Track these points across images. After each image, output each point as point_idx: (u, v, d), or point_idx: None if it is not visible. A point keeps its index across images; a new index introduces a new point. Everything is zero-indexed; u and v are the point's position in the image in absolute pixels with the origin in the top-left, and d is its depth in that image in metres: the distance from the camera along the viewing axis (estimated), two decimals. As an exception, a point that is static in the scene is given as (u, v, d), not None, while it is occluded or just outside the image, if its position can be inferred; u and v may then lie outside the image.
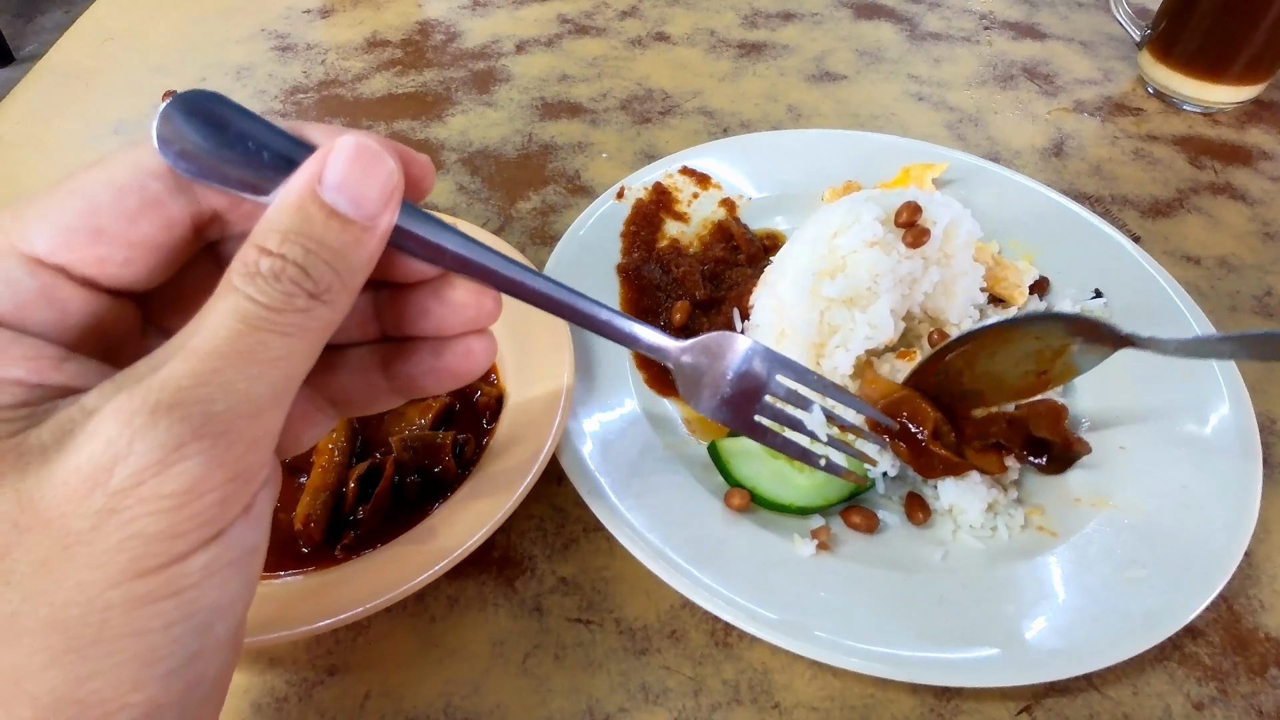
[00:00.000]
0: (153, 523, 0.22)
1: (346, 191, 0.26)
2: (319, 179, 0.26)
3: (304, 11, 1.05)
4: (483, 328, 0.33)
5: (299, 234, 0.26)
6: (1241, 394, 0.54)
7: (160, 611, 0.23)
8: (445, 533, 0.46)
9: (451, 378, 0.33)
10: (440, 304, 0.32)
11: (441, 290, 0.32)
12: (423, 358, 0.33)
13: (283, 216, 0.26)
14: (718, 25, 1.03)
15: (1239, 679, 0.45)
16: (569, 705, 0.44)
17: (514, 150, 0.82)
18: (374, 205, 0.27)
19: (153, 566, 0.23)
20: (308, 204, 0.26)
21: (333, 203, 0.26)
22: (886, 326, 0.54)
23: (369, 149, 0.27)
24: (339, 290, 0.27)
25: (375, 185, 0.27)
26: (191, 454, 0.23)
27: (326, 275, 0.26)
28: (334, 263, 0.26)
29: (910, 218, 0.54)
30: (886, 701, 0.44)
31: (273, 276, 0.25)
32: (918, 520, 0.51)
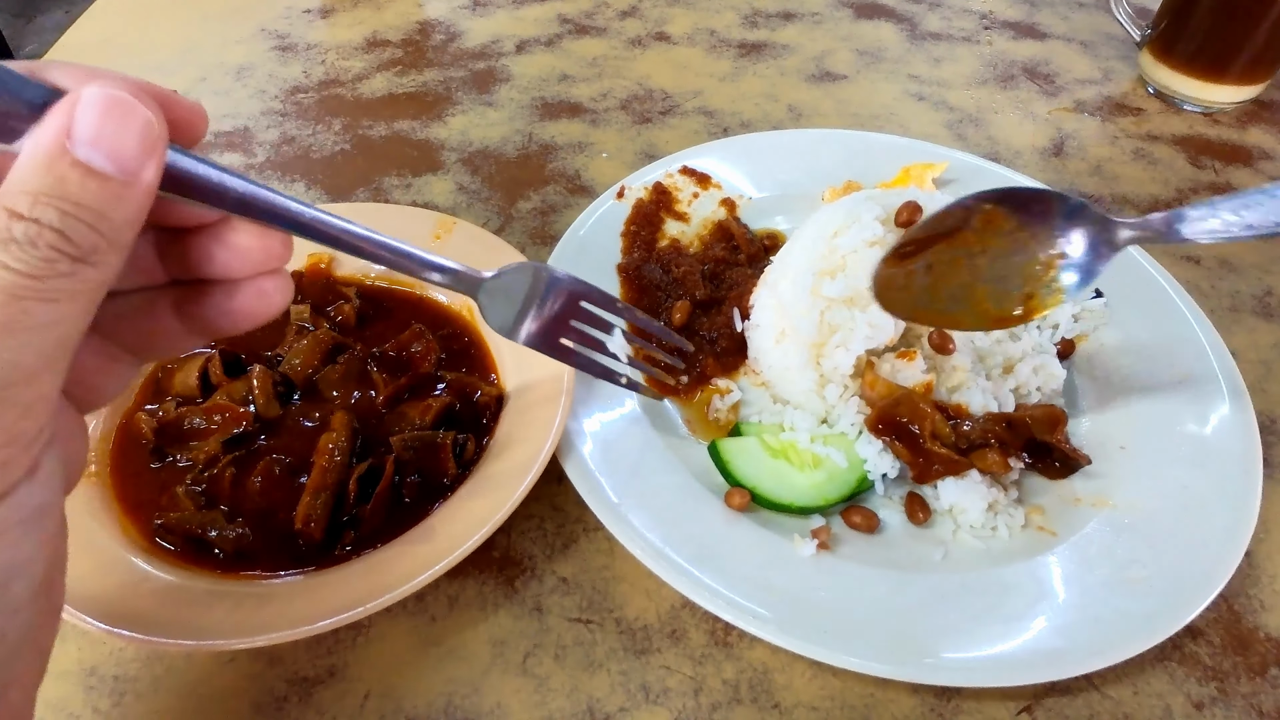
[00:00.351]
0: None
1: (101, 146, 0.25)
2: (68, 134, 0.24)
3: (304, 11, 1.05)
4: (274, 269, 0.32)
5: (52, 195, 0.24)
6: (1241, 394, 0.54)
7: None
8: (445, 533, 0.46)
9: (248, 318, 0.32)
10: (224, 248, 0.31)
11: (223, 234, 0.31)
12: (215, 300, 0.32)
13: (32, 176, 0.24)
14: (718, 25, 1.03)
15: (1239, 679, 0.45)
16: (569, 705, 0.44)
17: (514, 150, 0.82)
18: (133, 159, 0.25)
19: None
20: (58, 162, 0.24)
21: (87, 159, 0.24)
22: (886, 326, 0.54)
23: (118, 99, 0.25)
24: (105, 250, 0.25)
25: (132, 137, 0.25)
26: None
27: (89, 237, 0.25)
28: (96, 223, 0.25)
29: (910, 217, 0.54)
30: (886, 701, 0.44)
31: (29, 243, 0.24)
32: (918, 520, 0.51)
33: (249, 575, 0.46)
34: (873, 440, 0.53)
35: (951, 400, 0.55)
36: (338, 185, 0.78)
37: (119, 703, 0.44)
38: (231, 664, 0.46)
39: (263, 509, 0.49)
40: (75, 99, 0.25)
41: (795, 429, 0.55)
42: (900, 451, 0.52)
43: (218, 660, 0.46)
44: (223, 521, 0.48)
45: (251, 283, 0.32)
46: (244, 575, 0.46)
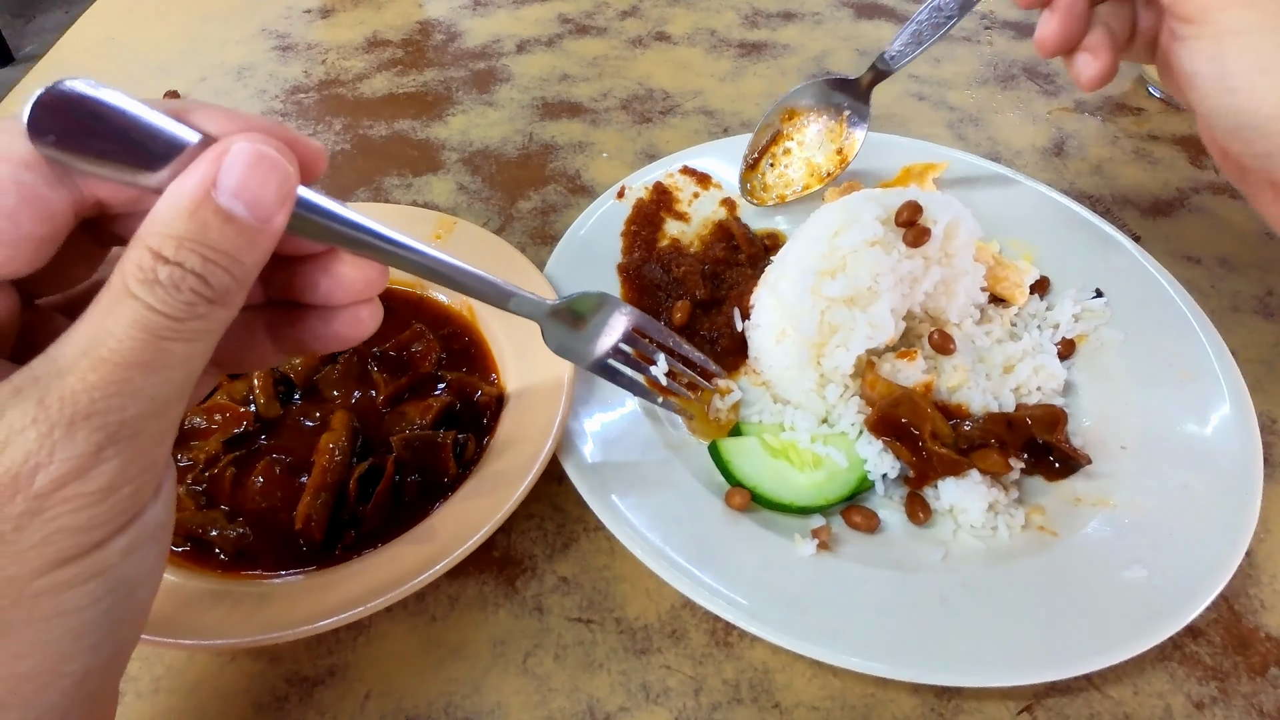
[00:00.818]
0: (74, 519, 0.24)
1: (244, 197, 0.26)
2: (214, 183, 0.26)
3: (304, 11, 1.05)
4: (370, 297, 0.33)
5: (195, 241, 0.25)
6: (1241, 394, 0.54)
7: (88, 591, 0.25)
8: (445, 533, 0.46)
9: (340, 342, 0.34)
10: (328, 278, 0.32)
11: (329, 265, 0.32)
12: (310, 324, 0.33)
13: (177, 220, 0.25)
14: (718, 25, 1.03)
15: (1239, 679, 0.45)
16: (569, 705, 0.44)
17: (514, 150, 0.82)
18: (270, 209, 0.27)
19: (76, 555, 0.25)
20: (203, 209, 0.26)
21: (228, 208, 0.26)
22: (887, 326, 0.54)
23: (267, 157, 0.27)
24: (236, 292, 0.27)
25: (272, 189, 0.27)
26: (109, 457, 0.24)
27: (225, 281, 0.26)
28: (231, 267, 0.26)
29: (911, 217, 0.54)
30: (886, 701, 0.44)
31: (173, 286, 0.25)
32: (918, 520, 0.51)
33: (249, 575, 0.46)
34: (873, 440, 0.53)
35: (951, 400, 0.55)
36: (338, 185, 0.78)
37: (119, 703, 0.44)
38: (231, 664, 0.46)
39: (263, 509, 0.49)
40: (224, 150, 0.26)
41: (795, 429, 0.55)
42: (900, 452, 0.52)
43: (218, 660, 0.46)
44: (223, 521, 0.48)
45: (348, 309, 0.33)
46: (244, 575, 0.46)
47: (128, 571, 0.26)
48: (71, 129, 0.25)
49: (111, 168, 0.26)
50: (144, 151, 0.26)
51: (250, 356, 0.34)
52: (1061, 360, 0.58)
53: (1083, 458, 0.52)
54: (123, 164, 0.26)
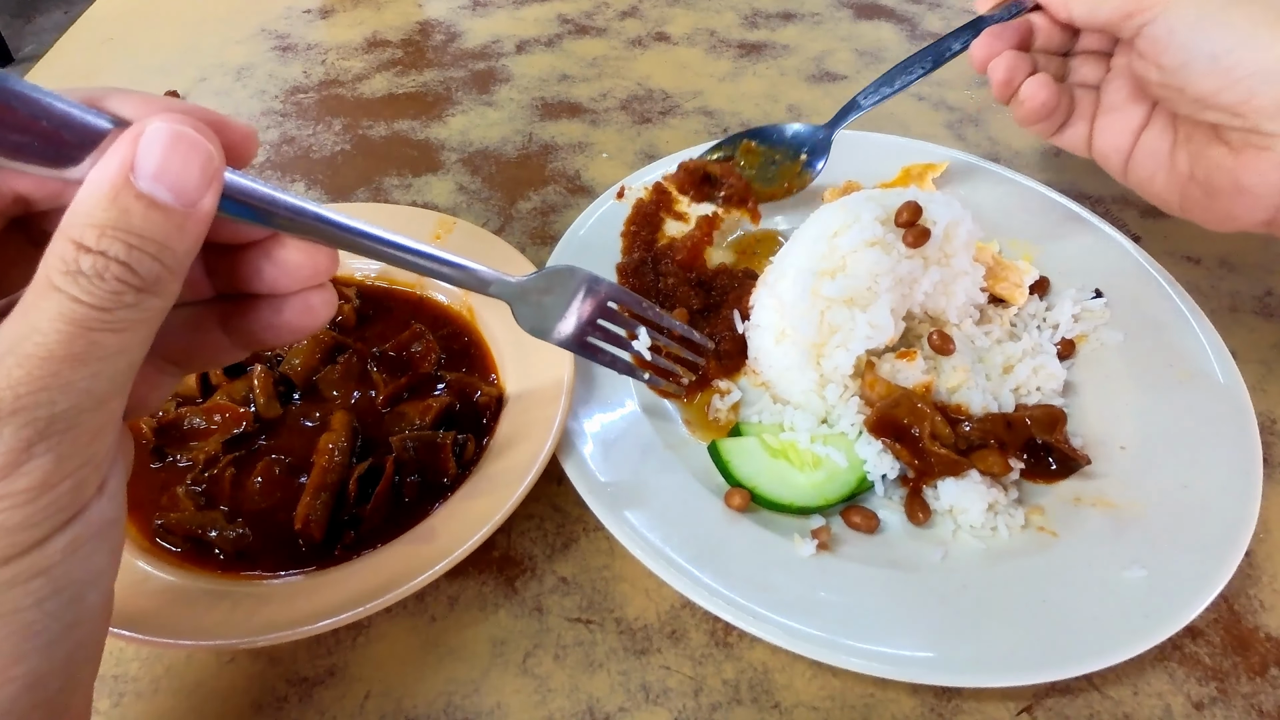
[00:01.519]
0: (8, 517, 0.24)
1: (165, 180, 0.25)
2: (132, 167, 0.25)
3: (304, 11, 1.05)
4: (319, 283, 0.33)
5: (117, 228, 0.25)
6: (1241, 394, 0.54)
7: (30, 591, 0.24)
8: (445, 533, 0.46)
9: (293, 331, 0.33)
10: (272, 264, 0.31)
11: (272, 250, 0.31)
12: (261, 314, 0.33)
13: (97, 209, 0.25)
14: (718, 25, 1.03)
15: (1239, 679, 0.45)
16: (569, 705, 0.44)
17: (514, 150, 0.82)
18: (195, 191, 0.26)
19: (15, 554, 0.24)
20: (123, 195, 0.25)
21: (150, 192, 0.25)
22: (887, 326, 0.54)
23: (181, 134, 0.26)
24: (168, 279, 0.26)
25: (194, 170, 0.26)
26: (40, 453, 0.24)
27: (153, 268, 0.26)
28: (159, 254, 0.26)
29: (910, 218, 0.54)
30: (886, 701, 0.44)
31: (96, 276, 0.24)
32: (918, 520, 0.51)
33: (249, 575, 0.46)
34: (872, 441, 0.53)
35: (951, 400, 0.55)
36: (338, 185, 0.78)
37: (118, 703, 0.44)
38: (231, 664, 0.46)
39: (263, 509, 0.49)
40: (138, 132, 0.25)
41: (795, 429, 0.55)
42: (900, 452, 0.52)
43: (218, 660, 0.46)
44: (223, 522, 0.48)
45: (298, 297, 0.32)
46: (244, 575, 0.46)
47: (74, 570, 0.26)
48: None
49: (27, 161, 0.25)
50: (60, 142, 0.25)
51: (204, 353, 0.33)
52: (1061, 360, 0.58)
53: (1082, 458, 0.52)
54: (39, 156, 0.25)
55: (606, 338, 0.46)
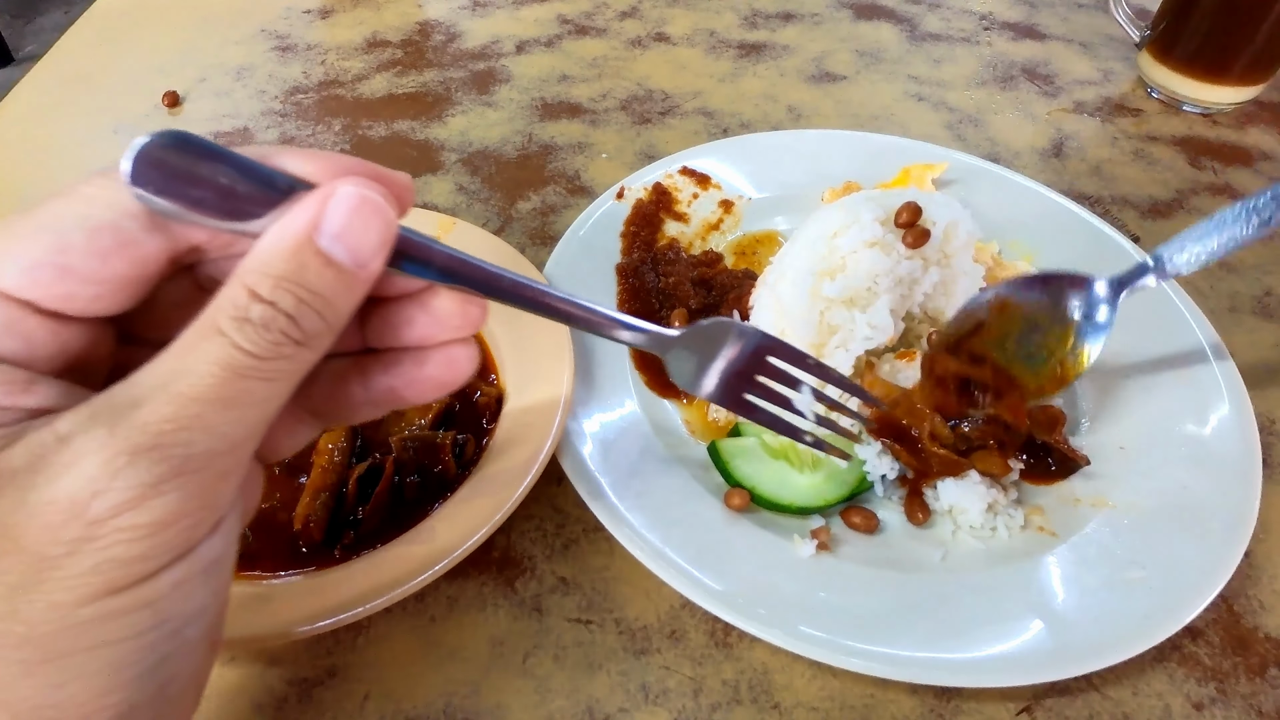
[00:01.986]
0: (126, 549, 0.24)
1: (345, 240, 0.26)
2: (317, 227, 0.26)
3: (304, 11, 1.05)
4: (467, 336, 0.33)
5: (292, 282, 0.26)
6: (1241, 394, 0.54)
7: (131, 622, 0.25)
8: (445, 533, 0.46)
9: (434, 387, 0.33)
10: (426, 314, 0.32)
11: (427, 300, 0.32)
12: (405, 368, 0.33)
13: (276, 260, 0.26)
14: (718, 25, 1.03)
15: (1239, 679, 0.45)
16: (569, 705, 0.44)
17: (514, 150, 0.82)
18: (370, 254, 0.27)
19: (124, 585, 0.24)
20: (304, 251, 0.26)
21: (328, 250, 0.26)
22: (886, 327, 0.54)
23: (371, 201, 0.27)
24: (325, 335, 0.27)
25: (373, 234, 0.27)
26: (169, 490, 0.24)
27: (316, 324, 0.26)
28: (324, 310, 0.27)
29: (910, 218, 0.54)
30: (886, 701, 0.44)
31: (263, 326, 0.25)
32: (918, 520, 0.51)
33: (249, 575, 0.46)
34: (871, 442, 0.53)
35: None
36: (338, 185, 0.78)
37: None
38: (231, 664, 0.46)
39: (262, 509, 0.49)
40: (329, 194, 0.27)
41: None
42: (899, 453, 0.52)
43: (218, 660, 0.46)
44: (222, 522, 0.48)
45: (442, 350, 0.33)
46: (244, 575, 0.46)
47: (177, 605, 0.26)
48: (170, 179, 0.25)
49: (208, 215, 0.26)
50: (240, 198, 0.26)
51: (343, 406, 0.33)
52: (1061, 361, 0.58)
53: (1080, 458, 0.52)
54: (219, 211, 0.26)
55: (766, 395, 0.43)
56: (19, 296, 0.25)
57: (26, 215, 0.26)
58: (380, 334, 0.32)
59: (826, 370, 0.44)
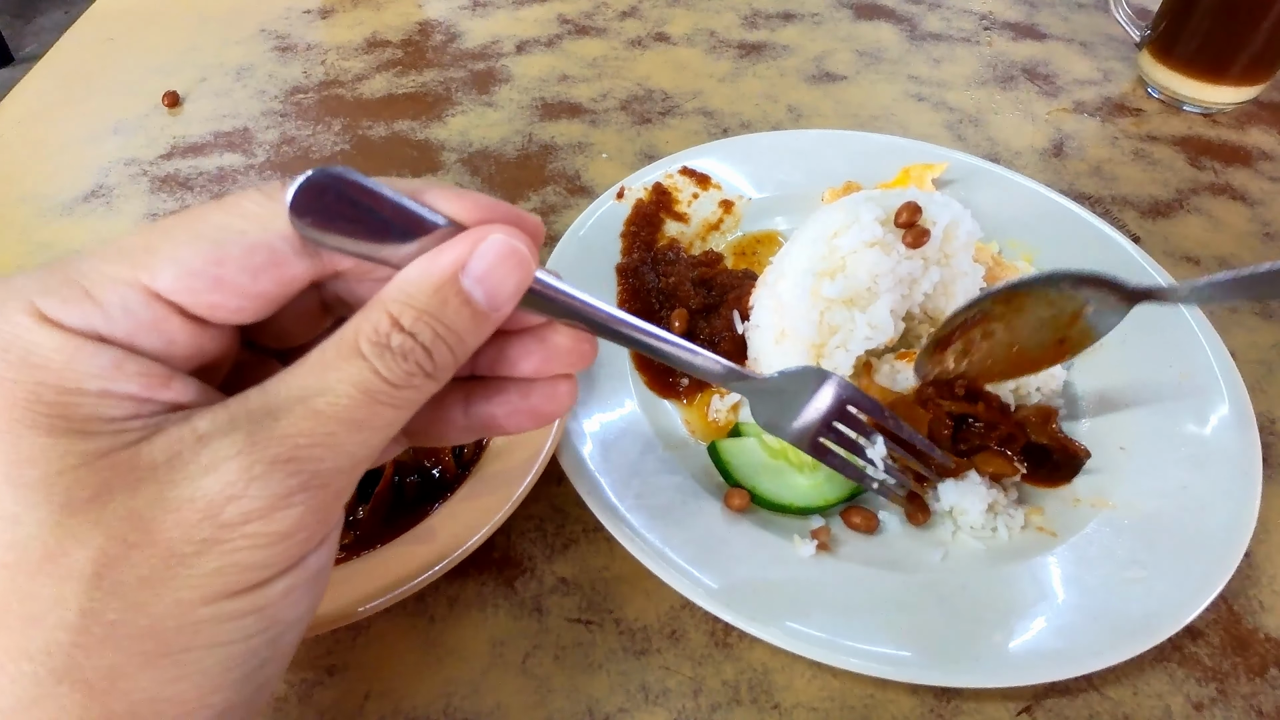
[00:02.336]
0: (250, 555, 0.25)
1: (486, 285, 0.28)
2: (463, 267, 0.28)
3: (304, 11, 1.05)
4: (575, 370, 0.34)
5: (433, 316, 0.27)
6: (1241, 394, 0.54)
7: (243, 626, 0.26)
8: (445, 533, 0.46)
9: (535, 418, 0.34)
10: (542, 348, 0.33)
11: (545, 335, 0.33)
12: (509, 398, 0.34)
13: (421, 293, 0.27)
14: (718, 25, 1.03)
15: (1239, 679, 0.45)
16: (569, 705, 0.44)
17: (514, 150, 0.82)
18: (505, 300, 0.29)
19: (243, 589, 0.25)
20: (447, 289, 0.27)
21: (469, 290, 0.28)
22: (886, 327, 0.54)
23: (517, 252, 0.28)
24: (451, 369, 0.29)
25: (512, 282, 0.29)
26: (297, 503, 0.25)
27: (447, 358, 0.28)
28: (455, 346, 0.28)
29: (910, 218, 0.54)
30: (886, 701, 0.44)
31: (401, 355, 0.27)
32: (918, 521, 0.51)
33: (249, 575, 0.46)
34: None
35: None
36: (338, 185, 0.78)
37: None
38: (231, 664, 0.45)
39: (262, 509, 0.49)
40: (480, 238, 0.28)
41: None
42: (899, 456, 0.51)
43: (217, 660, 0.46)
44: (222, 522, 0.48)
45: (547, 383, 0.34)
46: (244, 575, 0.46)
47: (283, 612, 0.27)
48: (329, 212, 0.27)
49: (357, 245, 0.28)
50: (391, 232, 0.28)
51: (440, 429, 0.34)
52: (1061, 361, 0.58)
53: (1080, 449, 0.52)
54: (369, 242, 0.28)
55: (840, 441, 0.45)
56: (170, 299, 0.26)
57: (186, 219, 0.27)
58: (493, 364, 0.33)
59: (901, 424, 0.47)
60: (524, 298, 0.30)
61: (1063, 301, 0.49)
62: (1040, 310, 0.50)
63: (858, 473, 0.47)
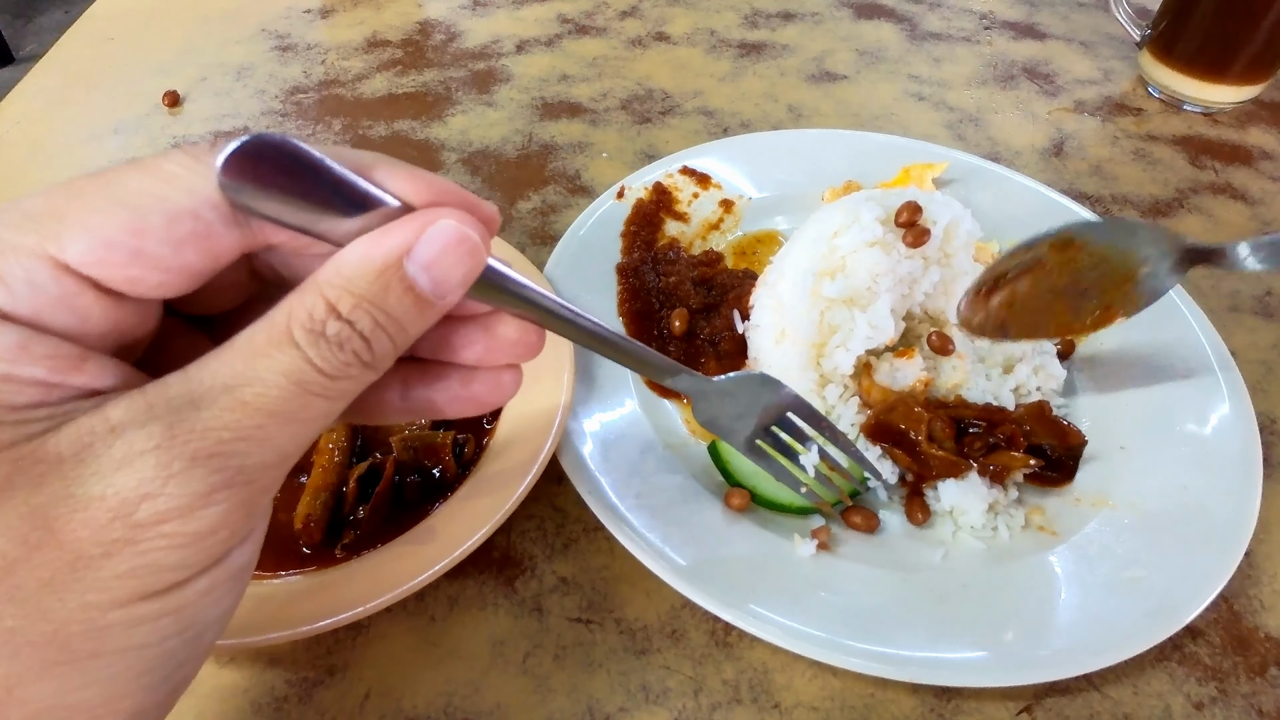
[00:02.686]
0: (166, 556, 0.23)
1: (432, 272, 0.26)
2: (409, 253, 0.25)
3: (304, 11, 1.05)
4: (521, 362, 0.32)
5: (373, 303, 0.25)
6: (1241, 394, 0.54)
7: (158, 629, 0.24)
8: (445, 533, 0.46)
9: (475, 405, 0.33)
10: (487, 337, 0.31)
11: (490, 324, 0.31)
12: (449, 384, 0.32)
13: (361, 278, 0.25)
14: (718, 25, 1.03)
15: (1239, 679, 0.45)
16: (569, 705, 0.44)
17: (514, 150, 0.82)
18: (451, 290, 0.27)
19: (158, 591, 0.23)
20: (390, 274, 0.25)
21: (413, 277, 0.26)
22: (887, 326, 0.54)
23: (468, 240, 0.26)
24: (390, 358, 0.27)
25: (460, 271, 0.27)
26: (219, 501, 0.23)
27: (386, 347, 0.26)
28: (395, 335, 0.26)
29: (910, 218, 0.54)
30: (886, 701, 0.44)
31: (336, 344, 0.25)
32: (918, 521, 0.51)
33: (249, 575, 0.46)
34: (870, 446, 0.52)
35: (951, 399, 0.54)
36: (338, 185, 0.78)
37: None
38: (231, 664, 0.46)
39: (263, 509, 0.49)
40: (429, 222, 0.26)
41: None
42: (899, 457, 0.52)
43: (217, 660, 0.46)
44: (223, 521, 0.48)
45: (491, 372, 0.32)
46: (244, 575, 0.46)
47: (202, 613, 0.25)
48: (264, 180, 0.25)
49: (294, 218, 0.26)
50: (332, 207, 0.26)
51: (375, 410, 0.33)
52: (1061, 360, 0.58)
53: (1076, 433, 0.51)
54: (307, 216, 0.26)
55: (775, 445, 0.46)
56: (82, 272, 0.24)
57: (98, 181, 0.24)
58: (435, 349, 0.32)
59: (838, 433, 0.47)
60: (472, 287, 0.28)
61: (1117, 259, 0.48)
62: (1093, 267, 0.48)
63: (790, 476, 0.48)
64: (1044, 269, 0.49)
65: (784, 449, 0.46)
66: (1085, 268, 0.49)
